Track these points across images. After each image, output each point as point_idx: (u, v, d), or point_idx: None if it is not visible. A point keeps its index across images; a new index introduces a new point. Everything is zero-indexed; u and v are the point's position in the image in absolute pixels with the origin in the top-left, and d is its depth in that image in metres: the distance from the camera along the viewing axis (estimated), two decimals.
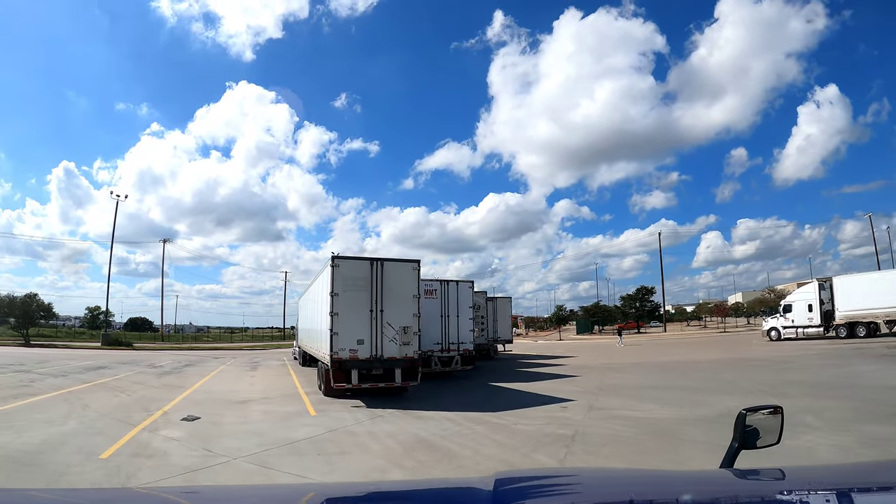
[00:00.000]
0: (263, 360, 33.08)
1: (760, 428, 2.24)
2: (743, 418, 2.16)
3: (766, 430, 2.26)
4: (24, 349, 37.35)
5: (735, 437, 2.16)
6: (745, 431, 2.16)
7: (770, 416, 2.31)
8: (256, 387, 18.03)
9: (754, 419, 2.22)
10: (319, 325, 16.71)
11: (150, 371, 22.87)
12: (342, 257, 15.02)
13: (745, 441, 2.15)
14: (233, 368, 25.85)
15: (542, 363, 26.93)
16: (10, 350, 34.88)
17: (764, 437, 2.24)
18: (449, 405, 13.16)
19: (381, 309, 14.85)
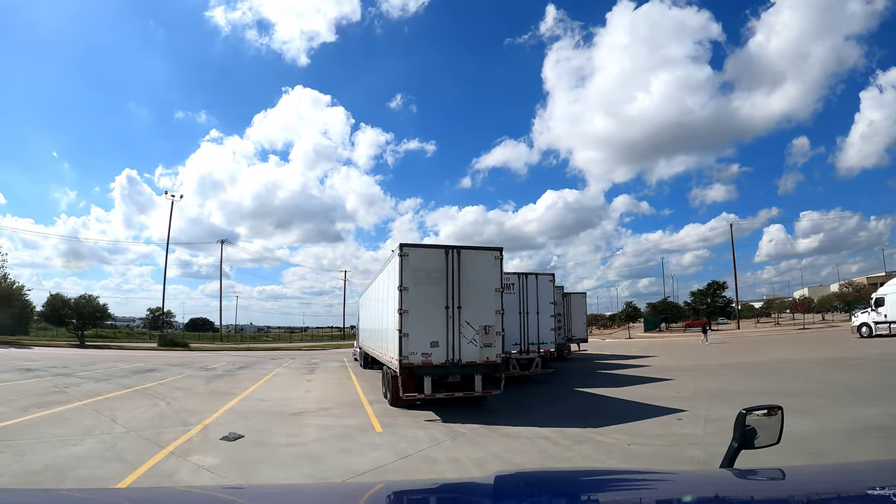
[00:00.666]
0: (322, 362, 31.39)
1: (761, 428, 2.26)
2: (743, 418, 2.18)
3: (767, 429, 2.28)
4: (77, 350, 36.94)
5: (735, 436, 2.17)
6: (745, 431, 2.18)
7: (770, 416, 2.32)
8: (313, 394, 16.02)
9: (754, 419, 2.24)
10: (385, 324, 14.98)
11: (200, 374, 21.26)
12: (412, 245, 13.01)
13: (745, 441, 2.17)
14: (289, 371, 24.07)
15: (622, 364, 25.20)
16: (62, 352, 34.39)
17: (764, 437, 2.26)
18: (538, 418, 11.43)
19: (459, 305, 12.86)
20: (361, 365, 26.36)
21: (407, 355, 12.28)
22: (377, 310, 17.81)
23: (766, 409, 2.32)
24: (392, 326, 13.03)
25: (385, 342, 15.01)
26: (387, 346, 14.50)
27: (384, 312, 15.37)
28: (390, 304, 13.52)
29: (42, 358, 26.97)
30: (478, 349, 12.83)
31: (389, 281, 13.91)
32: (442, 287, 12.76)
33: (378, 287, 17.57)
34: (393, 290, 12.99)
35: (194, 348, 45.52)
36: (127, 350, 39.71)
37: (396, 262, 12.67)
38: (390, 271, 13.92)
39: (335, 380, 20.68)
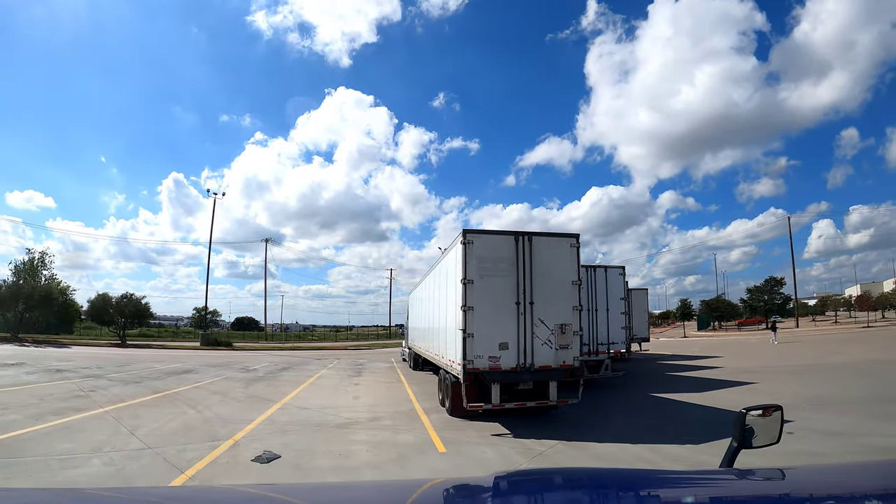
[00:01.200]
0: (369, 363, 29.92)
1: (760, 427, 2.28)
2: (743, 418, 2.20)
3: (766, 429, 2.31)
4: (117, 350, 36.42)
5: (734, 436, 2.19)
6: (744, 431, 2.20)
7: (770, 416, 2.34)
8: (362, 400, 14.37)
9: (754, 419, 2.26)
10: (442, 323, 13.82)
11: (240, 376, 19.90)
12: (477, 231, 11.31)
13: (745, 441, 2.19)
14: (334, 373, 22.55)
15: (690, 365, 23.69)
16: (100, 351, 33.86)
17: (764, 437, 2.28)
18: (624, 431, 9.90)
19: (531, 301, 11.20)
20: (411, 366, 24.99)
21: (472, 359, 10.68)
22: (431, 307, 16.28)
23: (765, 409, 2.33)
24: (452, 325, 11.57)
25: (442, 343, 13.50)
26: (445, 348, 12.97)
27: (441, 310, 13.90)
28: (450, 300, 12.21)
29: (77, 358, 26.23)
30: (553, 352, 11.15)
31: (449, 274, 12.56)
32: (511, 279, 11.14)
33: (433, 282, 16.01)
34: (453, 284, 11.60)
35: (237, 348, 44.71)
36: (168, 350, 39.08)
37: (459, 251, 11.10)
38: (450, 263, 12.43)
39: (384, 383, 19.03)
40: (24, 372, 18.35)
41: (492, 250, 11.13)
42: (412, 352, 24.84)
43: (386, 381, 19.85)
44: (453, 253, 11.91)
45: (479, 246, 11.01)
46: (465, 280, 10.75)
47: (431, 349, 16.18)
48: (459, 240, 11.08)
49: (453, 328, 11.46)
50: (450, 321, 12.10)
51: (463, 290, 10.73)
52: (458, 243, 11.14)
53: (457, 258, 11.28)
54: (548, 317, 11.17)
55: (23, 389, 14.38)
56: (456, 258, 11.39)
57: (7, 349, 30.49)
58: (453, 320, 11.49)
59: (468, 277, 10.77)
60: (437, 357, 14.72)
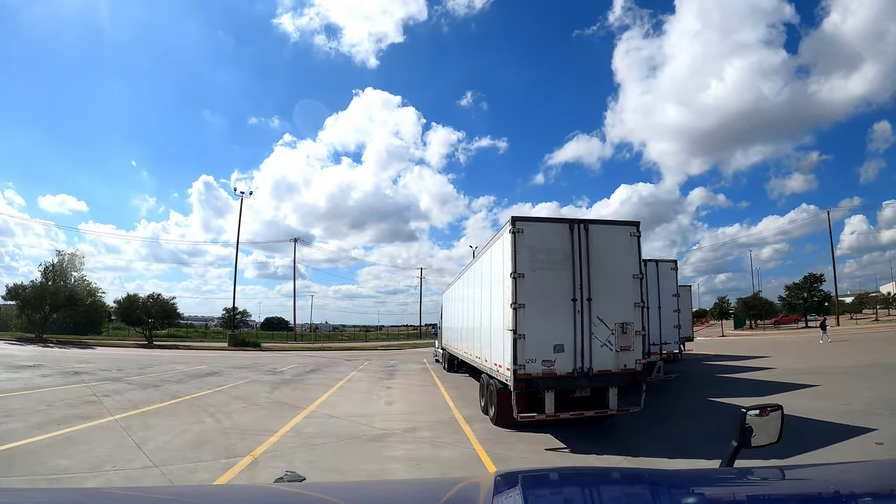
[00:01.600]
0: (401, 364, 28.79)
1: (761, 427, 2.28)
2: (743, 417, 2.21)
3: (767, 429, 2.31)
4: (142, 351, 35.84)
5: (735, 436, 2.20)
6: (744, 431, 2.20)
7: (770, 416, 2.34)
8: (396, 406, 13.21)
9: (754, 418, 2.26)
10: (485, 322, 12.52)
11: (265, 380, 18.87)
12: (527, 219, 10.07)
13: (745, 440, 2.20)
14: (365, 375, 21.44)
15: (739, 367, 22.34)
16: (125, 352, 33.21)
17: (764, 437, 2.29)
18: (691, 443, 8.93)
19: (588, 297, 9.93)
20: (445, 367, 23.83)
21: (523, 364, 9.43)
22: (470, 306, 15.08)
23: (766, 409, 2.33)
24: (499, 325, 10.41)
25: (485, 345, 12.25)
26: (489, 351, 11.73)
27: (483, 308, 12.71)
28: (495, 298, 11.04)
29: (99, 360, 25.54)
30: (613, 354, 9.89)
31: (493, 268, 11.37)
32: (567, 273, 9.89)
33: (472, 279, 14.81)
34: (500, 279, 10.44)
35: (266, 348, 43.96)
36: (195, 350, 38.52)
37: (507, 240, 9.88)
38: (495, 255, 11.23)
39: (418, 386, 17.83)
40: (39, 374, 17.56)
41: (544, 240, 9.89)
42: (446, 353, 23.73)
43: (420, 384, 18.66)
44: (500, 244, 10.67)
45: (529, 235, 9.77)
46: (515, 274, 9.50)
47: (471, 351, 14.94)
48: (507, 228, 9.85)
49: (500, 328, 10.25)
50: (495, 321, 10.90)
51: (512, 285, 9.49)
52: (506, 232, 9.92)
53: (504, 249, 10.05)
54: (607, 315, 9.90)
55: (33, 394, 13.51)
56: (503, 249, 10.16)
57: (29, 350, 30.03)
58: (500, 319, 10.30)
59: (518, 271, 9.52)
60: (477, 360, 13.49)
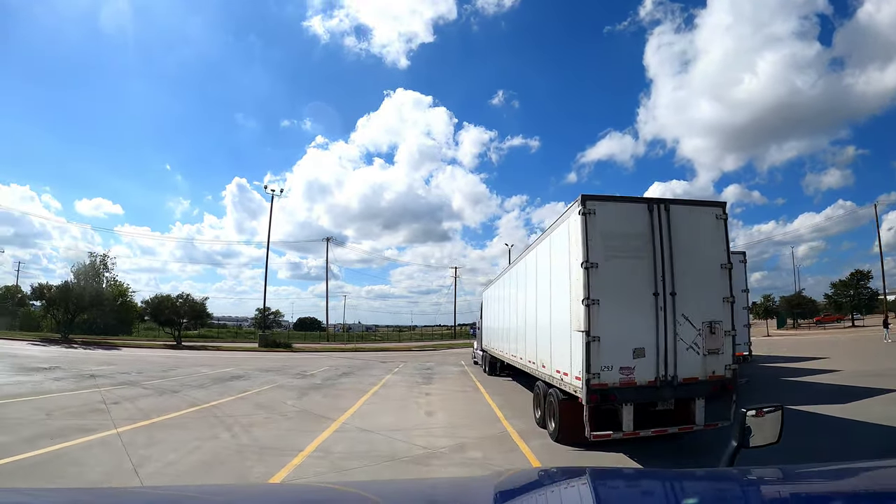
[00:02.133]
0: (438, 366, 27.33)
1: (761, 427, 2.29)
2: (743, 417, 2.22)
3: (767, 429, 2.32)
4: (169, 352, 35.00)
5: (735, 436, 2.20)
6: (745, 431, 2.20)
7: (770, 415, 2.35)
8: (438, 417, 11.71)
9: (754, 418, 2.26)
10: (543, 321, 10.98)
11: (293, 384, 17.55)
12: (599, 198, 8.53)
13: (746, 440, 2.19)
14: (401, 379, 19.97)
15: (800, 369, 20.95)
16: (150, 353, 32.30)
17: (764, 436, 2.30)
18: (791, 463, 6.05)
19: (672, 291, 8.43)
20: (485, 370, 22.40)
21: (598, 372, 7.88)
22: (522, 303, 13.53)
23: (766, 409, 2.34)
24: (564, 325, 8.92)
25: (543, 348, 10.76)
26: (547, 355, 10.25)
27: (541, 305, 11.18)
28: (559, 292, 9.50)
29: (121, 361, 24.59)
30: (700, 358, 8.40)
31: (557, 257, 9.81)
32: (647, 262, 8.41)
33: (524, 272, 13.24)
34: (566, 270, 8.97)
35: (297, 349, 43.05)
36: (224, 352, 37.65)
37: (575, 224, 8.42)
38: (558, 242, 9.68)
39: (459, 392, 16.28)
40: (51, 378, 16.46)
41: (620, 223, 8.40)
42: (487, 355, 22.31)
43: (461, 389, 17.11)
44: (563, 229, 9.15)
45: (603, 217, 8.23)
46: (588, 264, 7.96)
47: (520, 354, 13.42)
48: (576, 209, 8.30)
49: (565, 329, 8.75)
50: (558, 320, 9.42)
51: (584, 276, 7.94)
52: (575, 214, 8.37)
53: (572, 234, 8.52)
54: (693, 312, 8.38)
55: (36, 400, 12.31)
56: (571, 234, 8.61)
57: (51, 351, 29.27)
58: (565, 319, 8.80)
59: (591, 260, 7.97)
60: (531, 366, 11.95)
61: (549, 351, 10.11)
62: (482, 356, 24.40)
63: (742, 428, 2.19)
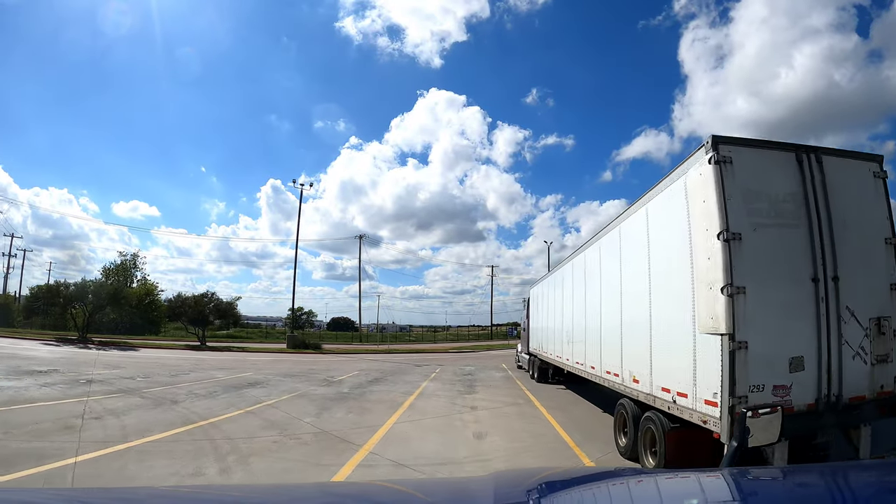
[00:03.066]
0: (479, 371, 24.86)
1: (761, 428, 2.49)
2: (743, 418, 2.43)
3: (767, 429, 2.54)
4: (191, 353, 32.97)
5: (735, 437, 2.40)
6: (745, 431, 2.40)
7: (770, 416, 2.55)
8: (490, 442, 9.34)
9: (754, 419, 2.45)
10: (639, 317, 8.32)
11: (317, 393, 15.29)
12: (735, 141, 6.04)
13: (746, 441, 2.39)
14: (440, 388, 17.52)
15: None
16: (169, 355, 30.14)
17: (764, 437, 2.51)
18: None
19: (834, 275, 6.01)
20: (535, 377, 19.97)
21: (744, 395, 5.14)
22: (594, 296, 11.21)
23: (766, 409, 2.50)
24: (683, 326, 6.44)
25: (637, 356, 8.35)
26: (650, 367, 7.75)
27: (634, 298, 8.57)
28: (675, 278, 6.90)
29: (131, 364, 22.57)
30: (867, 369, 6.02)
31: (669, 228, 7.18)
32: (802, 233, 5.99)
33: (605, 255, 10.69)
34: (684, 246, 6.52)
35: (327, 350, 40.83)
36: (249, 353, 35.66)
37: (705, 177, 5.93)
38: (671, 208, 7.11)
39: (511, 405, 13.80)
40: (40, 383, 14.36)
41: (764, 178, 5.97)
42: (536, 360, 19.91)
43: (511, 401, 14.61)
44: (677, 190, 6.76)
45: (741, 168, 5.80)
46: (729, 234, 5.50)
47: (592, 362, 11.09)
48: (702, 158, 5.94)
49: (684, 331, 6.37)
50: (668, 318, 7.05)
51: (724, 253, 5.48)
52: (701, 164, 5.97)
53: (698, 193, 6.04)
54: (858, 305, 5.99)
55: (4, 413, 10.17)
56: (696, 194, 6.14)
57: (61, 352, 27.37)
58: (683, 316, 6.41)
59: (733, 229, 5.50)
60: (611, 378, 9.58)
61: (646, 360, 7.63)
62: (529, 360, 21.97)
63: (742, 429, 2.32)
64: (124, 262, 46.94)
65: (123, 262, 46.78)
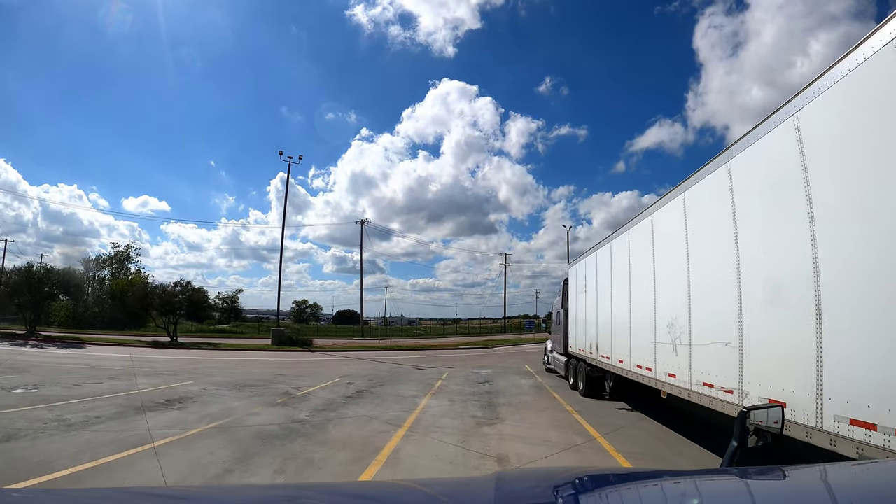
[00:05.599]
0: (498, 376, 19.18)
1: (760, 426, 2.24)
2: (743, 417, 2.17)
3: (767, 428, 2.27)
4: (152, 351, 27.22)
5: (735, 436, 2.15)
6: (745, 430, 2.16)
7: (770, 415, 2.30)
8: None
9: (754, 418, 2.22)
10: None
11: (255, 422, 9.76)
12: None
13: (746, 440, 2.15)
14: (446, 409, 11.88)
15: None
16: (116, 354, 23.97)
17: (764, 436, 2.24)
18: None
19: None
20: (581, 390, 14.20)
21: None
22: (727, 263, 6.45)
23: (766, 408, 2.30)
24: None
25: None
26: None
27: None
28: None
29: (46, 367, 16.73)
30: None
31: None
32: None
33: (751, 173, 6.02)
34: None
35: (318, 347, 34.82)
36: (224, 351, 30.20)
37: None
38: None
39: (564, 448, 8.19)
40: None
41: None
42: (582, 364, 14.22)
43: (562, 439, 8.93)
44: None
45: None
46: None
47: (718, 377, 5.86)
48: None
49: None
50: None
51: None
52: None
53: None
54: None
55: None
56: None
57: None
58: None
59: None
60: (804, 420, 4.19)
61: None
62: (565, 363, 16.39)
63: (742, 428, 2.12)
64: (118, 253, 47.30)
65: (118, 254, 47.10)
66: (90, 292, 51.47)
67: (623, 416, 11.08)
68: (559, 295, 17.93)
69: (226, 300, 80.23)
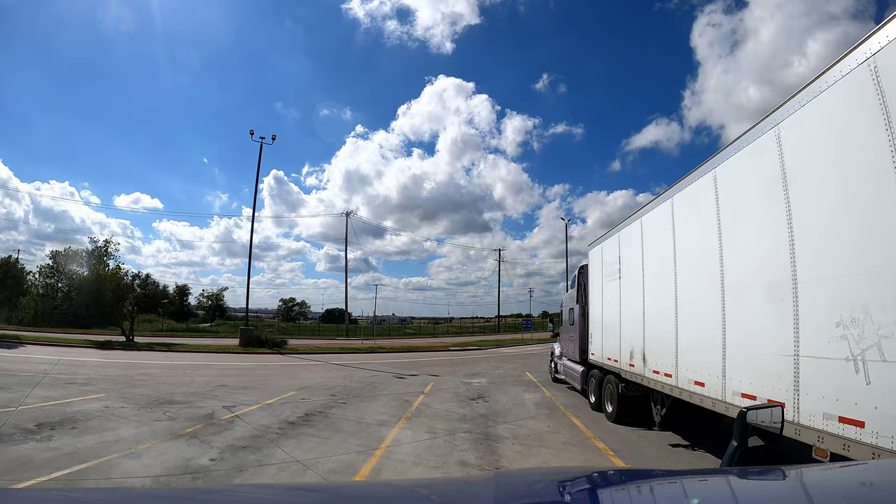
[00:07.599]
0: (496, 388, 15.70)
1: (761, 426, 2.20)
2: (743, 417, 2.13)
3: (767, 428, 2.23)
4: (93, 353, 23.63)
5: (735, 436, 2.12)
6: (745, 430, 2.11)
7: (770, 415, 2.26)
8: None
9: (755, 418, 2.17)
10: None
11: (148, 470, 6.34)
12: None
13: (746, 440, 2.11)
14: (422, 447, 8.54)
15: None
16: (44, 356, 20.21)
17: (764, 436, 2.21)
18: None
19: None
20: (611, 415, 10.78)
21: None
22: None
23: (766, 408, 2.31)
24: None
25: None
26: None
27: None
28: None
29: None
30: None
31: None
32: None
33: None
34: None
35: (290, 349, 30.72)
36: (181, 352, 26.56)
37: None
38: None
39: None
40: None
41: None
42: (610, 378, 10.89)
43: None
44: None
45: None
46: None
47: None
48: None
49: None
50: None
51: None
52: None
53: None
54: None
55: None
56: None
57: None
58: None
59: None
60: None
61: None
62: (584, 375, 12.89)
63: (742, 428, 2.08)
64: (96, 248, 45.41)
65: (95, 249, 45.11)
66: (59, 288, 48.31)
67: (683, 458, 7.63)
68: (575, 287, 14.27)
69: (210, 298, 77.26)
